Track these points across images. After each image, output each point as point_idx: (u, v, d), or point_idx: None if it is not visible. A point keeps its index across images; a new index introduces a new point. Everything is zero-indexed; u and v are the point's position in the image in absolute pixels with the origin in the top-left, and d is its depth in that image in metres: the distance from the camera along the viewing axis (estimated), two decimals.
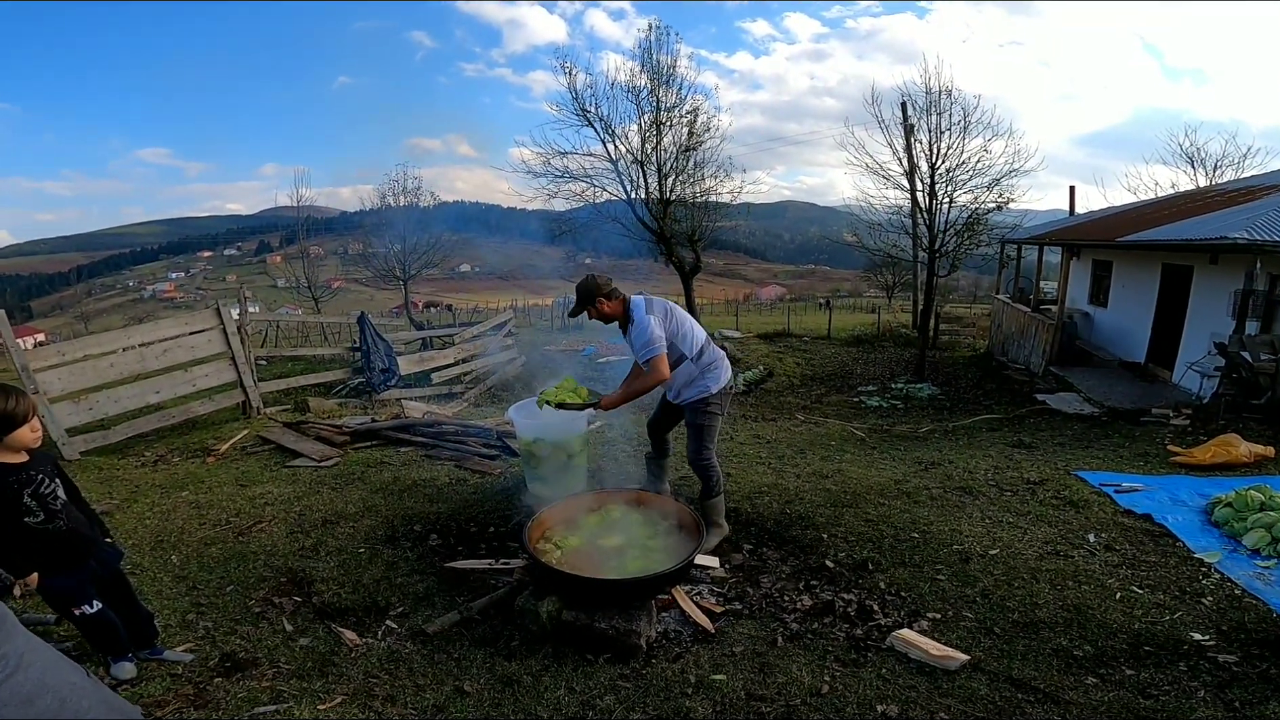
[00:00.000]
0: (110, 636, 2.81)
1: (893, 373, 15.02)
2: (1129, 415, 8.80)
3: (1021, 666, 2.81)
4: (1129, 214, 14.24)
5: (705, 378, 3.86)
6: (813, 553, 3.88)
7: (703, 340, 3.89)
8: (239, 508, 4.71)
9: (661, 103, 15.15)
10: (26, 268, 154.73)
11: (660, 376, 3.63)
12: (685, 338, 3.80)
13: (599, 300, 3.75)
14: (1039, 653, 2.90)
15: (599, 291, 3.76)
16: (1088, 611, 3.19)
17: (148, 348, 7.16)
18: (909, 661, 2.85)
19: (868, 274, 59.53)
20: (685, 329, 3.82)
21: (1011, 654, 2.90)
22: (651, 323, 3.65)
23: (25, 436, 2.47)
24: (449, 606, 3.35)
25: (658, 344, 3.61)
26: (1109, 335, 13.35)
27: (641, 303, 3.81)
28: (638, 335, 3.65)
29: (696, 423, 3.90)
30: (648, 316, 3.68)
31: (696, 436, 3.90)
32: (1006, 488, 5.03)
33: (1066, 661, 2.85)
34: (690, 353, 3.81)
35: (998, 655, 2.89)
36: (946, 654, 2.85)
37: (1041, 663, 2.84)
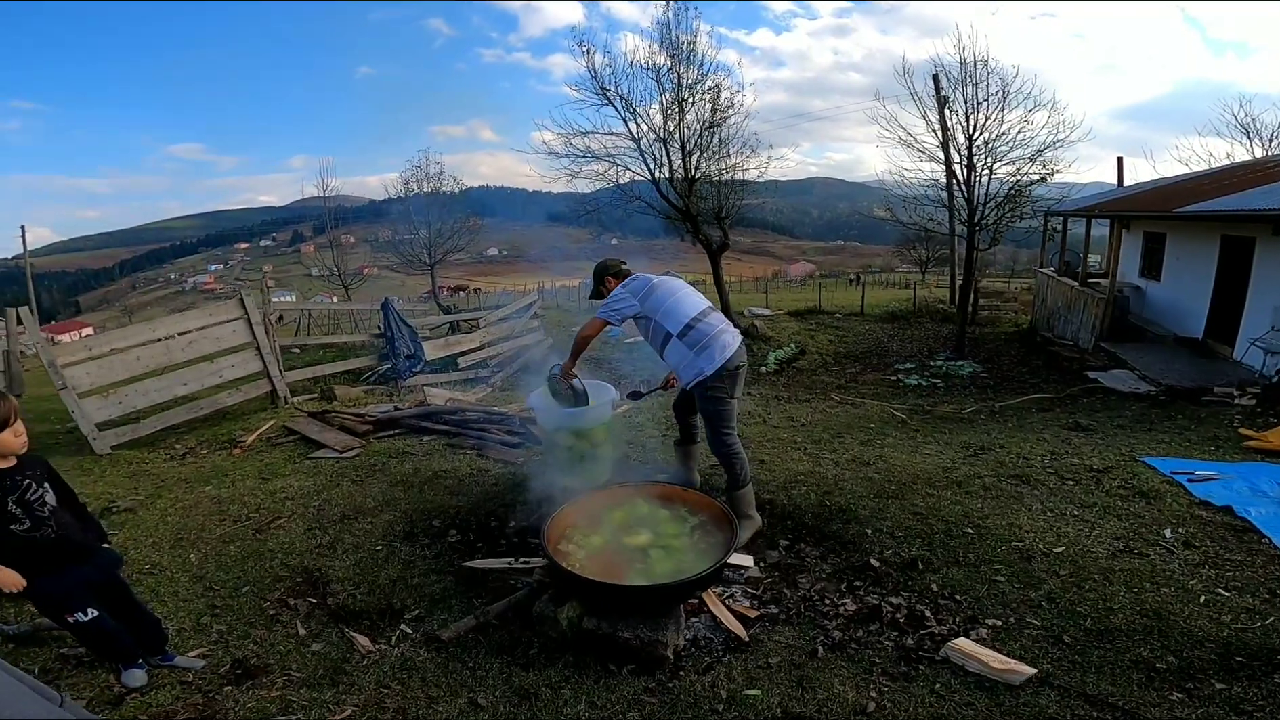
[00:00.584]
0: (111, 644, 2.71)
1: (931, 350, 14.55)
2: (1189, 394, 8.28)
3: (1096, 680, 2.51)
4: (1184, 185, 13.48)
5: (698, 358, 3.58)
6: (855, 550, 3.60)
7: (691, 316, 3.65)
8: (259, 503, 4.62)
9: (683, 79, 14.74)
10: (72, 264, 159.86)
11: (585, 334, 3.73)
12: (668, 313, 3.65)
13: (606, 279, 3.93)
14: (1116, 665, 2.59)
15: (606, 271, 3.93)
16: (1169, 617, 2.85)
17: (173, 340, 7.14)
18: (966, 675, 2.57)
19: (900, 249, 58.08)
20: (667, 304, 3.67)
21: (1084, 666, 2.60)
22: (618, 293, 3.76)
23: (8, 442, 2.37)
24: (466, 609, 3.16)
25: (605, 311, 3.73)
26: (1162, 309, 12.70)
27: (632, 278, 3.87)
28: (608, 298, 3.80)
29: (704, 409, 3.72)
30: (623, 289, 3.77)
31: (708, 422, 3.72)
32: (1067, 476, 4.65)
33: (1148, 675, 2.54)
34: (675, 329, 3.62)
35: (1068, 667, 2.60)
36: (1010, 666, 2.56)
37: (1119, 676, 2.53)
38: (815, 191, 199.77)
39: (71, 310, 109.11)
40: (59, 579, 2.53)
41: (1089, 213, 14.17)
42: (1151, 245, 13.52)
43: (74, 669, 2.86)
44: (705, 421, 3.74)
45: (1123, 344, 11.54)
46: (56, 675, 2.81)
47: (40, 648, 3.01)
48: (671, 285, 3.81)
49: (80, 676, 2.81)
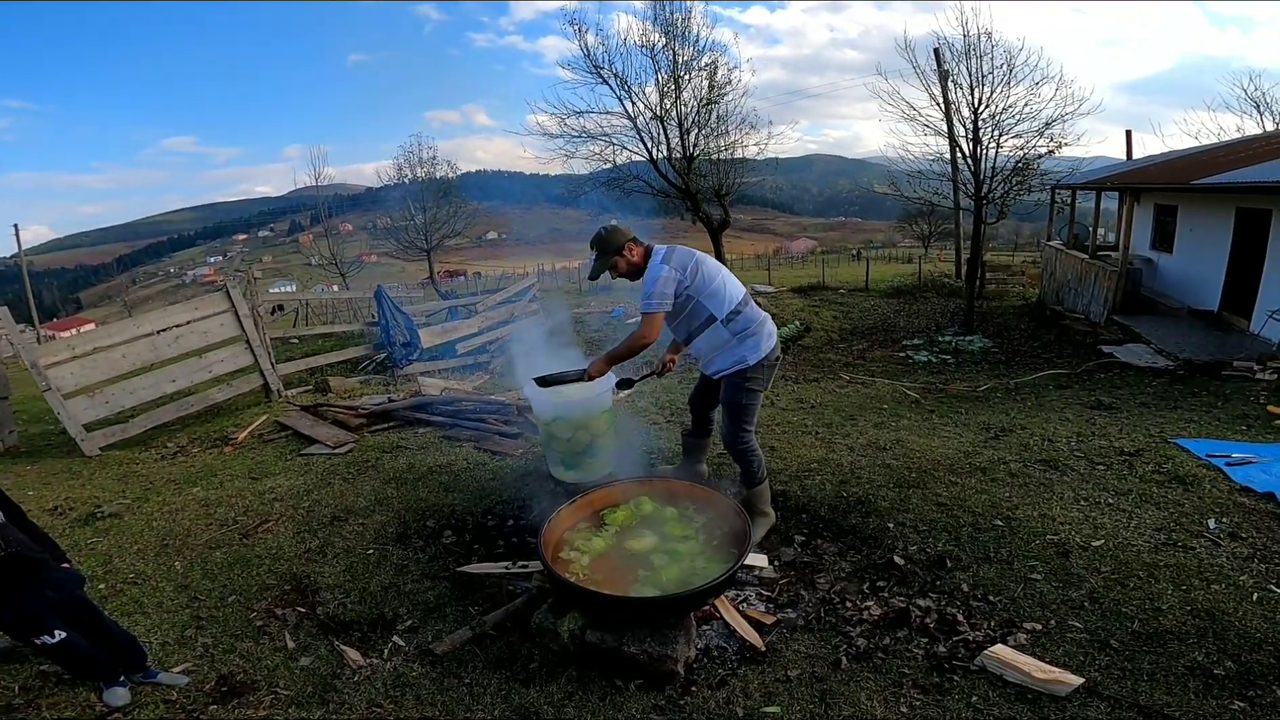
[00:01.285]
0: (87, 664, 2.55)
1: (938, 325, 14.26)
2: (1208, 368, 8.03)
3: (1150, 690, 2.30)
4: (1196, 158, 13.14)
5: (741, 345, 3.29)
6: (877, 546, 3.37)
7: (738, 299, 3.33)
8: (247, 504, 4.40)
9: (678, 57, 14.36)
10: (71, 260, 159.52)
11: (644, 336, 3.20)
12: (715, 295, 3.27)
13: (627, 248, 3.30)
14: (1170, 671, 2.37)
15: (622, 240, 3.29)
16: (1223, 618, 2.62)
17: (159, 336, 6.91)
18: (1006, 686, 2.35)
19: (902, 224, 57.50)
20: (714, 285, 3.28)
21: (1136, 674, 2.38)
22: (663, 273, 3.19)
23: None
24: (461, 618, 2.96)
25: (657, 300, 3.19)
26: (1175, 282, 12.43)
27: (662, 251, 3.32)
28: (645, 285, 3.23)
29: (732, 400, 3.37)
30: (661, 266, 3.21)
31: (732, 416, 3.39)
32: (1097, 460, 4.39)
33: (1205, 682, 2.32)
34: (720, 313, 3.27)
35: (1118, 675, 2.37)
36: (1054, 676, 2.34)
37: (1175, 684, 2.31)
38: (815, 168, 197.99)
39: (73, 307, 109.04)
40: (19, 600, 2.35)
41: (1099, 185, 13.84)
42: (1163, 218, 13.22)
43: (55, 687, 2.69)
44: (729, 414, 3.42)
45: (1135, 317, 11.29)
46: (37, 694, 2.65)
47: (20, 664, 2.83)
48: (713, 263, 3.39)
49: (61, 695, 2.64)
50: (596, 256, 3.36)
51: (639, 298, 3.26)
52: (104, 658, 2.58)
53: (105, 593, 3.41)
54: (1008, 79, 12.45)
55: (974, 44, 12.64)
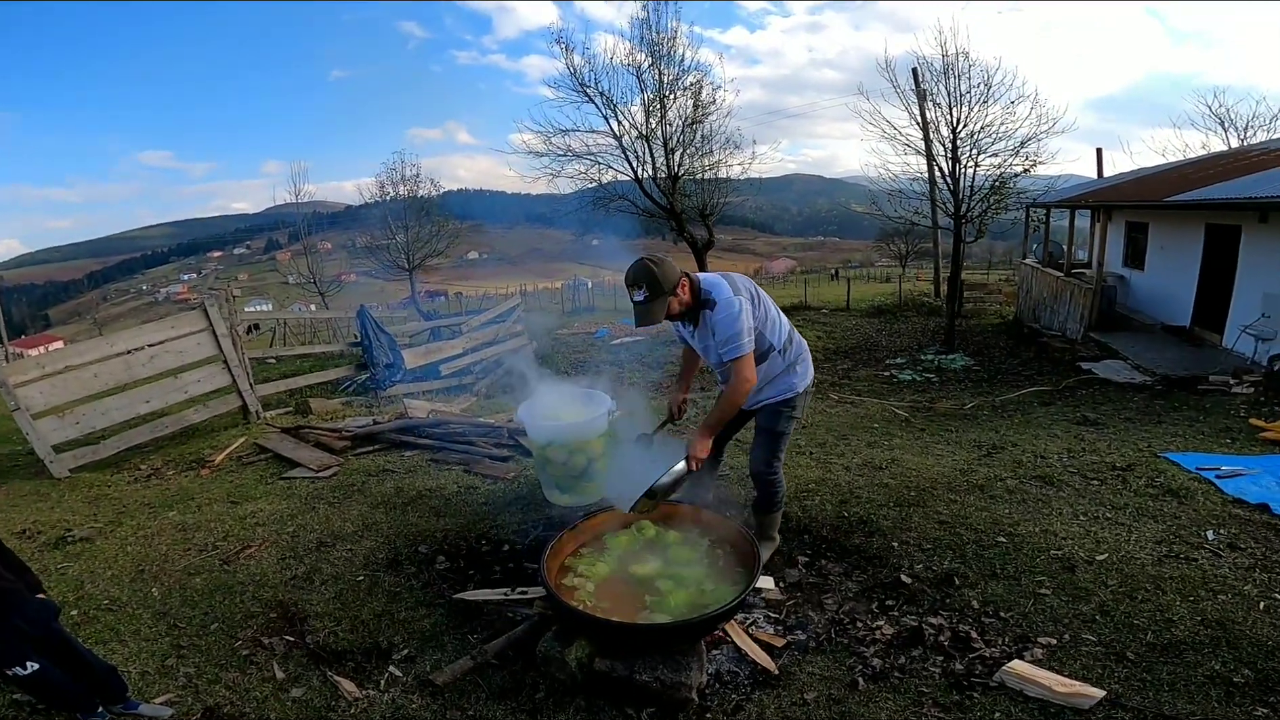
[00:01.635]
0: (62, 696, 2.43)
1: (920, 343, 14.41)
2: (1185, 383, 8.20)
3: (1172, 699, 2.29)
4: (1166, 175, 13.52)
5: (791, 374, 3.13)
6: (882, 565, 3.33)
7: (789, 326, 3.14)
8: (228, 529, 4.23)
9: (664, 76, 14.51)
10: (41, 276, 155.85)
11: (747, 384, 2.82)
12: (774, 324, 3.02)
13: (680, 287, 2.81)
14: (1189, 681, 2.38)
15: (678, 275, 2.79)
16: (1234, 627, 2.64)
17: (133, 355, 6.70)
18: (1028, 701, 2.32)
19: (880, 244, 58.36)
20: (772, 313, 3.03)
21: (1156, 684, 2.37)
22: (742, 306, 2.78)
23: None
24: (460, 648, 2.83)
25: (747, 338, 2.78)
26: (1148, 299, 12.72)
27: (721, 282, 2.89)
28: (724, 324, 2.78)
29: (773, 428, 3.16)
30: (736, 299, 2.80)
31: (770, 444, 3.18)
32: (1091, 475, 4.43)
33: (1226, 690, 2.32)
34: (778, 343, 3.04)
35: (1138, 687, 2.37)
36: (1076, 689, 2.32)
37: (1196, 693, 2.31)
38: (794, 188, 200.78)
39: (42, 324, 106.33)
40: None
41: (1074, 203, 14.15)
42: (1134, 235, 13.54)
43: (30, 716, 2.55)
44: (768, 441, 3.18)
45: (1111, 334, 11.50)
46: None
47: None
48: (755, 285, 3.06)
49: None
50: (647, 297, 2.76)
51: (721, 339, 2.82)
52: (80, 689, 2.45)
53: (78, 619, 3.24)
54: (985, 98, 12.73)
55: (952, 64, 12.92)
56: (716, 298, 2.83)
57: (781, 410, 3.16)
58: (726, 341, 2.80)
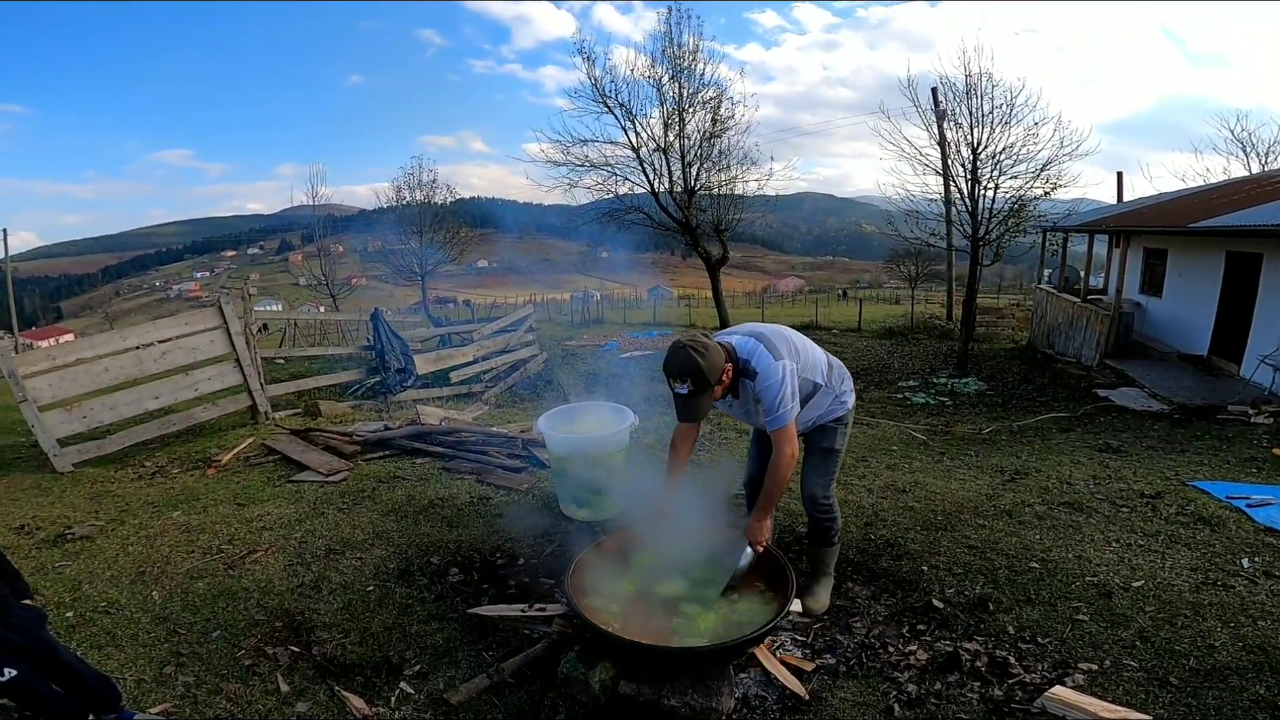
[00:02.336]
0: (44, 704, 2.32)
1: (932, 366, 14.28)
2: (1203, 412, 8.06)
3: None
4: (1187, 200, 13.40)
5: (841, 394, 3.00)
6: (913, 589, 3.21)
7: (825, 356, 3.00)
8: (233, 532, 4.13)
9: (684, 89, 14.54)
10: (55, 269, 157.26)
11: (790, 457, 2.66)
12: (815, 365, 2.87)
13: (725, 372, 2.61)
14: (1235, 705, 2.31)
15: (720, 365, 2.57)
16: (1276, 653, 2.57)
17: (145, 350, 6.64)
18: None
19: (890, 265, 58.23)
20: (809, 353, 2.87)
21: (1202, 710, 2.30)
22: (785, 369, 2.60)
23: None
24: (475, 665, 2.72)
25: (792, 404, 2.62)
26: (1165, 326, 12.56)
27: (754, 346, 2.68)
28: (768, 394, 2.61)
29: (828, 445, 2.99)
30: (778, 364, 2.62)
31: (823, 464, 3.01)
32: (1120, 503, 4.32)
33: (1272, 714, 2.27)
34: (823, 379, 2.90)
35: (1184, 712, 2.30)
36: (1122, 716, 2.24)
37: (1242, 718, 2.25)
38: (805, 206, 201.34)
39: (53, 316, 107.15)
40: None
41: (1093, 228, 14.02)
42: (1152, 261, 13.41)
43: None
44: (819, 461, 3.01)
45: (1127, 361, 11.34)
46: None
47: None
48: (792, 334, 2.89)
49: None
50: (693, 391, 2.54)
51: (767, 406, 2.64)
52: (65, 698, 2.35)
53: (74, 621, 3.14)
54: (1007, 119, 12.65)
55: (975, 84, 12.87)
56: (758, 367, 2.65)
57: (833, 426, 3.01)
58: (769, 411, 2.64)
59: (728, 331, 2.86)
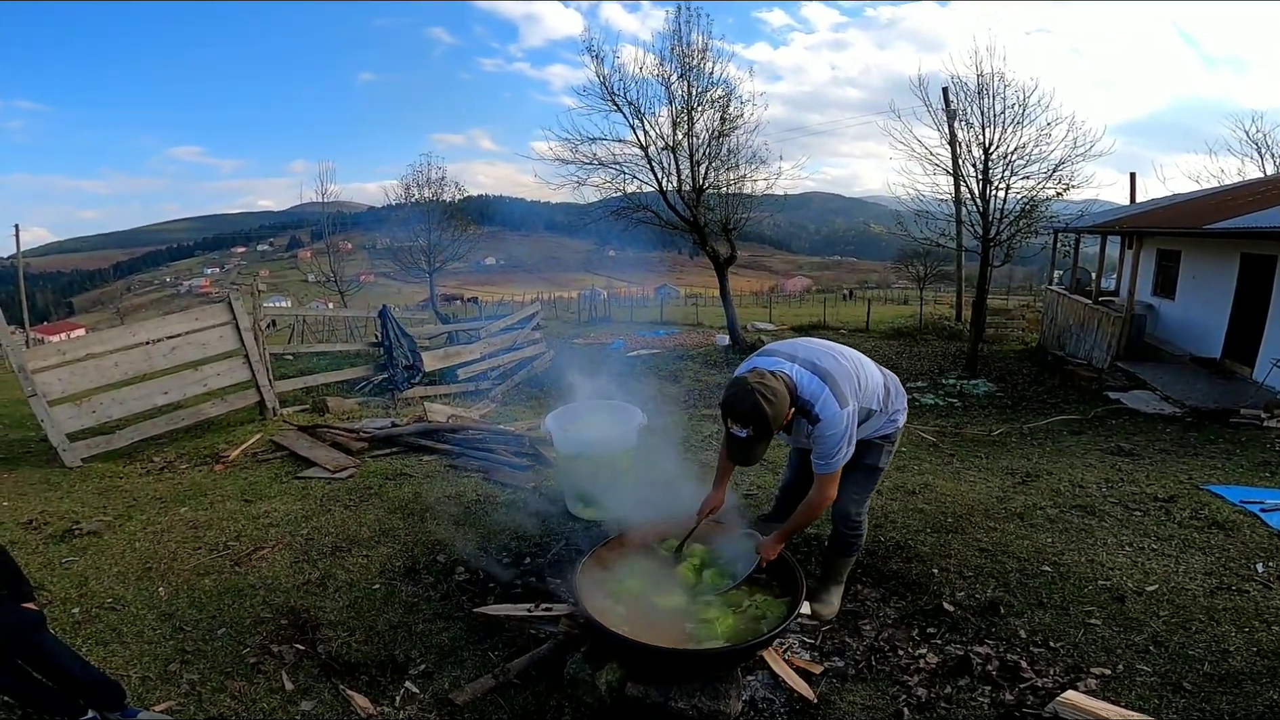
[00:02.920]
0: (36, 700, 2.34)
1: (941, 368, 14.20)
2: (1215, 416, 7.97)
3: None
4: (1201, 201, 13.26)
5: (895, 415, 2.89)
6: (923, 592, 3.17)
7: (880, 376, 2.82)
8: (240, 529, 4.13)
9: (693, 88, 14.50)
10: (68, 264, 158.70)
11: (828, 500, 2.64)
12: (873, 392, 2.72)
13: (787, 416, 2.46)
14: (1249, 711, 2.29)
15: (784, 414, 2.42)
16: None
17: (155, 345, 6.66)
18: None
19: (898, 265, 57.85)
20: (868, 380, 2.71)
21: (1215, 715, 2.29)
22: (846, 417, 2.48)
23: None
24: (481, 665, 2.70)
25: (847, 452, 2.55)
26: (1177, 329, 12.44)
27: (820, 389, 2.50)
28: (827, 441, 2.51)
29: (873, 463, 2.90)
30: (843, 412, 2.47)
31: (864, 481, 2.93)
32: (1133, 506, 4.27)
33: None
34: (879, 405, 2.76)
35: (1198, 718, 2.30)
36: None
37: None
38: (813, 206, 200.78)
39: (65, 311, 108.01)
40: None
41: (1106, 229, 13.90)
42: (1165, 263, 13.29)
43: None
44: (861, 477, 2.90)
45: (1138, 364, 11.24)
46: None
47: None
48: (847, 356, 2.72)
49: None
50: (752, 437, 2.39)
51: (819, 451, 2.56)
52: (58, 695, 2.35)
53: (79, 618, 3.14)
54: (1020, 119, 12.53)
55: (987, 84, 12.75)
56: (821, 414, 2.49)
57: (879, 443, 2.90)
58: (823, 456, 2.55)
59: (786, 353, 2.64)
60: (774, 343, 2.86)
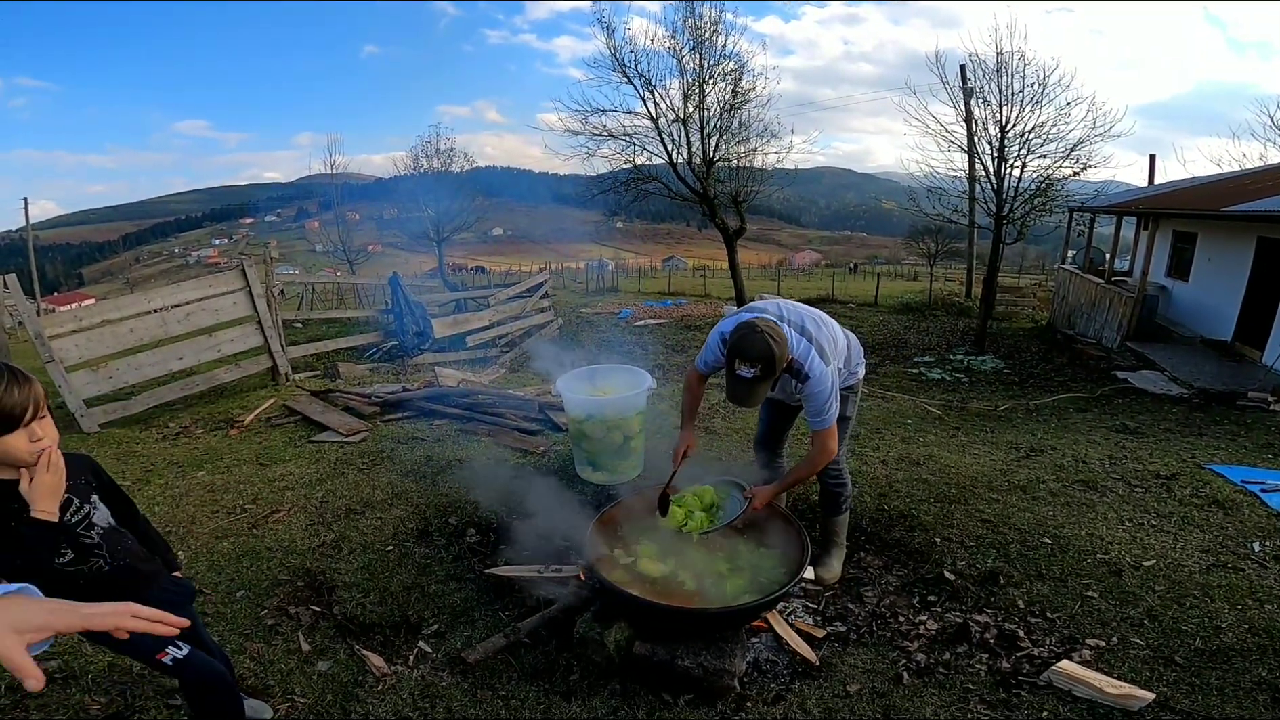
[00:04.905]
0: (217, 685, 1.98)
1: (949, 343, 14.15)
2: (1222, 398, 7.97)
3: (1220, 704, 2.25)
4: (1220, 184, 13.03)
5: (855, 369, 3.01)
6: (924, 560, 3.24)
7: (844, 339, 2.94)
8: (256, 492, 4.22)
9: (704, 60, 14.28)
10: (76, 237, 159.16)
11: (829, 455, 2.72)
12: (840, 353, 2.83)
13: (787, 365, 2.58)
14: (1238, 686, 2.33)
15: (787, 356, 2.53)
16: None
17: (169, 312, 6.74)
18: (1076, 701, 2.27)
19: (909, 241, 57.34)
20: (836, 340, 2.81)
21: (1205, 689, 2.32)
22: (832, 378, 2.62)
23: (19, 447, 1.58)
24: (492, 624, 2.79)
25: (837, 407, 2.66)
26: (1189, 311, 12.35)
27: (808, 350, 2.62)
28: (816, 399, 2.63)
29: (840, 413, 2.88)
30: (828, 370, 2.61)
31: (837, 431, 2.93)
32: (1135, 483, 4.30)
33: (1273, 696, 2.28)
34: (842, 363, 2.88)
35: (1187, 691, 2.32)
36: (1126, 691, 2.26)
37: (1243, 698, 2.27)
38: (823, 181, 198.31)
39: (75, 282, 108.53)
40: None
41: (1122, 209, 13.72)
42: (1181, 245, 13.15)
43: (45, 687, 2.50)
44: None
45: (1148, 344, 11.19)
46: (24, 694, 2.45)
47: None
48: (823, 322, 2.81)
49: (51, 695, 2.43)
50: (758, 377, 2.45)
51: (810, 409, 2.67)
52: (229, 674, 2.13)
53: None
54: (1038, 98, 12.30)
55: (1006, 62, 12.50)
56: (810, 372, 2.60)
57: (844, 396, 2.96)
58: (816, 414, 2.65)
59: (774, 313, 2.71)
60: (760, 301, 2.95)
